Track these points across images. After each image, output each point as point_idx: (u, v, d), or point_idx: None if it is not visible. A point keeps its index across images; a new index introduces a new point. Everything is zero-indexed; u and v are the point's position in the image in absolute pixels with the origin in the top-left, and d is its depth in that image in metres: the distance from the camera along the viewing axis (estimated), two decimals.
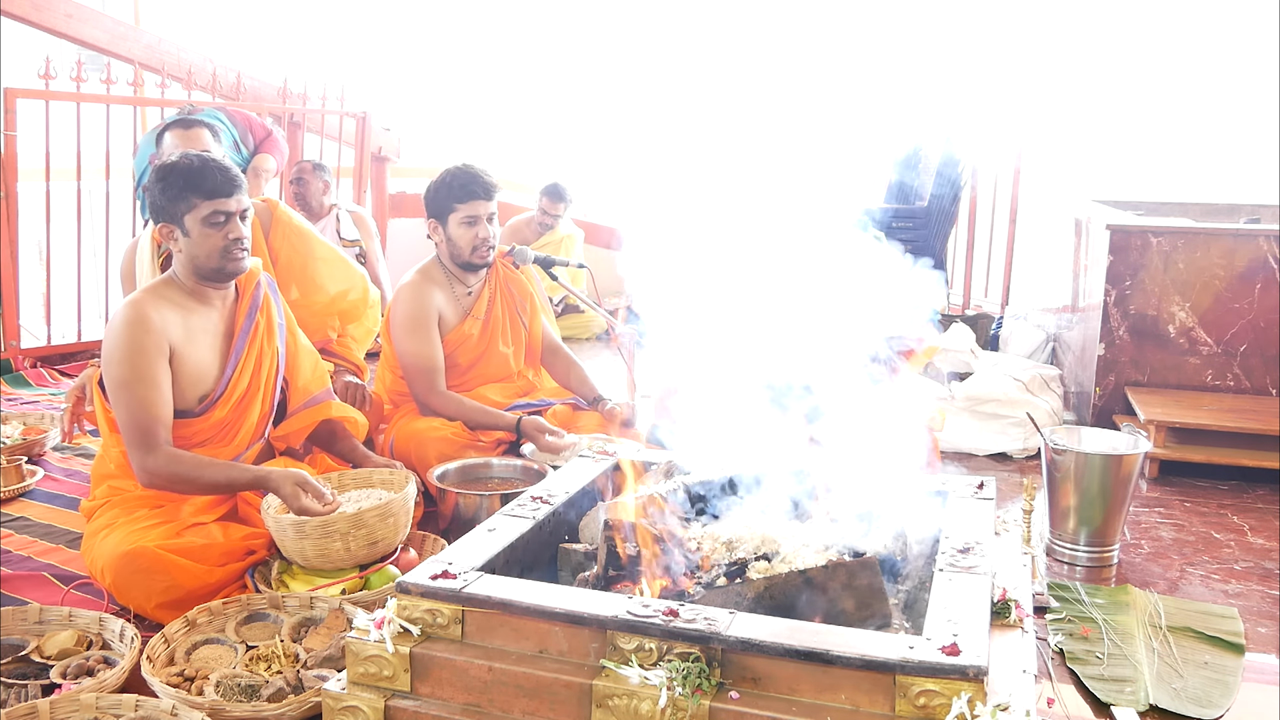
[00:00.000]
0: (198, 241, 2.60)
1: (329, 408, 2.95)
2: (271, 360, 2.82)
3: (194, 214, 2.58)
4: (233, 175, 2.63)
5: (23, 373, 4.92)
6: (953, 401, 4.08)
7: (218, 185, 2.59)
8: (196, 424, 2.67)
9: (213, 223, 2.59)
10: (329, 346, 3.54)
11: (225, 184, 2.60)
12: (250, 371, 2.75)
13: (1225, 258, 4.00)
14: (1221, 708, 2.13)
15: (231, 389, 2.71)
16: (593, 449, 2.70)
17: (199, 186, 2.57)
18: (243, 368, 2.74)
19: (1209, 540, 3.13)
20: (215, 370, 2.71)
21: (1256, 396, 4.00)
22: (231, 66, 6.01)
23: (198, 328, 2.67)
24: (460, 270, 3.45)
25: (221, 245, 2.61)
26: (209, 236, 2.60)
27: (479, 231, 3.37)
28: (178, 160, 2.63)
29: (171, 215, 2.61)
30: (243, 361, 2.74)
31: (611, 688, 1.69)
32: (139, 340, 2.55)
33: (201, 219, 2.58)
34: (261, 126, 4.66)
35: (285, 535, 2.49)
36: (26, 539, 2.93)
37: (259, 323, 2.79)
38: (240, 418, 2.74)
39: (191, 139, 3.47)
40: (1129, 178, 6.17)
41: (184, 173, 2.58)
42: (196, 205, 2.58)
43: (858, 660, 1.60)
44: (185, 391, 2.64)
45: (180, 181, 2.58)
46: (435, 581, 1.85)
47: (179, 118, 3.64)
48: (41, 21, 5.43)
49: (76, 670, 2.10)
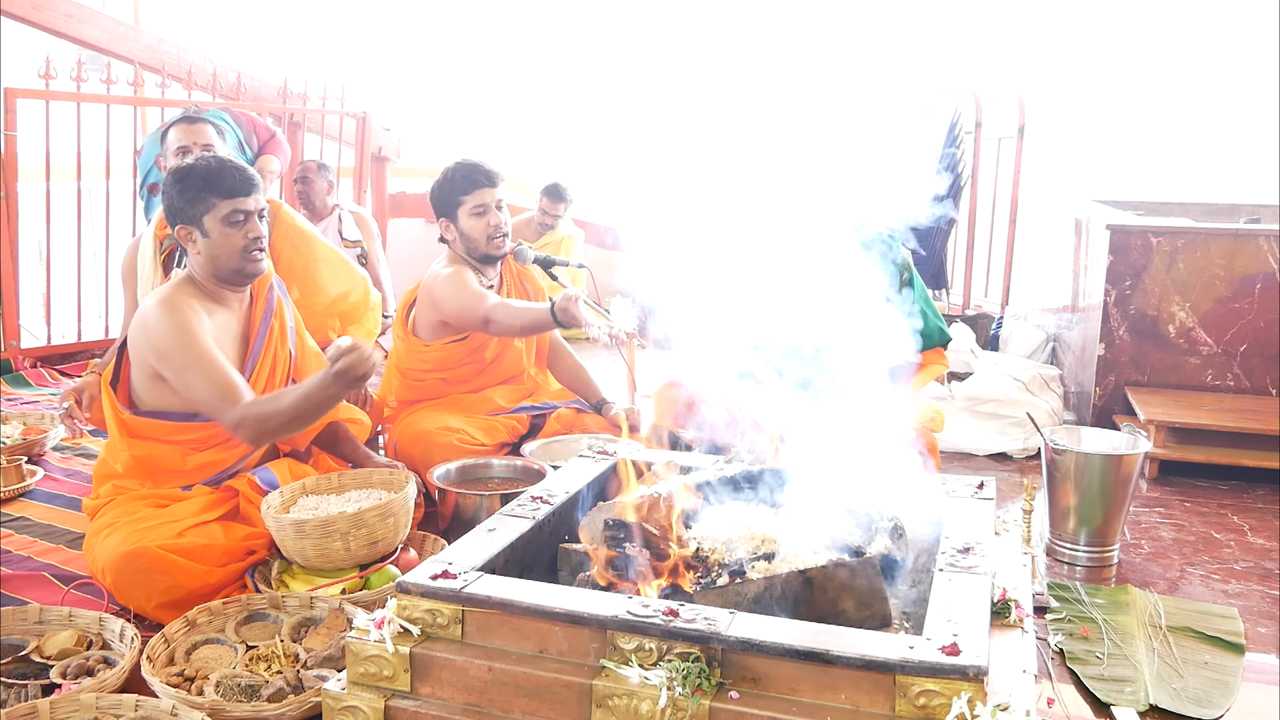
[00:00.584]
0: (218, 242, 2.61)
1: (335, 410, 2.93)
2: (285, 364, 2.82)
3: (213, 214, 2.59)
4: (249, 175, 2.64)
5: (23, 373, 4.92)
6: (953, 401, 4.08)
7: (236, 184, 2.60)
8: (210, 426, 2.66)
9: (232, 222, 2.60)
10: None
11: (243, 183, 2.61)
12: (265, 375, 2.75)
13: (1225, 258, 4.00)
14: (1221, 708, 2.13)
15: None
16: (592, 449, 2.70)
17: (218, 187, 2.58)
18: (258, 371, 2.74)
19: (1209, 540, 3.13)
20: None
21: (1256, 396, 4.00)
22: (231, 66, 6.01)
23: (218, 328, 2.67)
24: (479, 264, 3.42)
25: (242, 245, 2.62)
26: (229, 236, 2.60)
27: (490, 219, 3.34)
28: (195, 162, 2.63)
29: (190, 217, 2.61)
30: (259, 364, 2.74)
31: (611, 688, 1.69)
32: (186, 321, 2.55)
33: (221, 219, 2.59)
34: (265, 128, 4.67)
35: (285, 535, 2.49)
36: (26, 539, 2.93)
37: (274, 326, 2.79)
38: None
39: (196, 133, 3.46)
40: (1129, 178, 6.16)
41: (202, 174, 2.59)
42: (216, 205, 2.58)
43: (858, 660, 1.60)
44: None
45: (199, 182, 2.58)
46: (435, 581, 1.85)
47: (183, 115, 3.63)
48: (41, 21, 5.43)
49: (76, 670, 2.10)
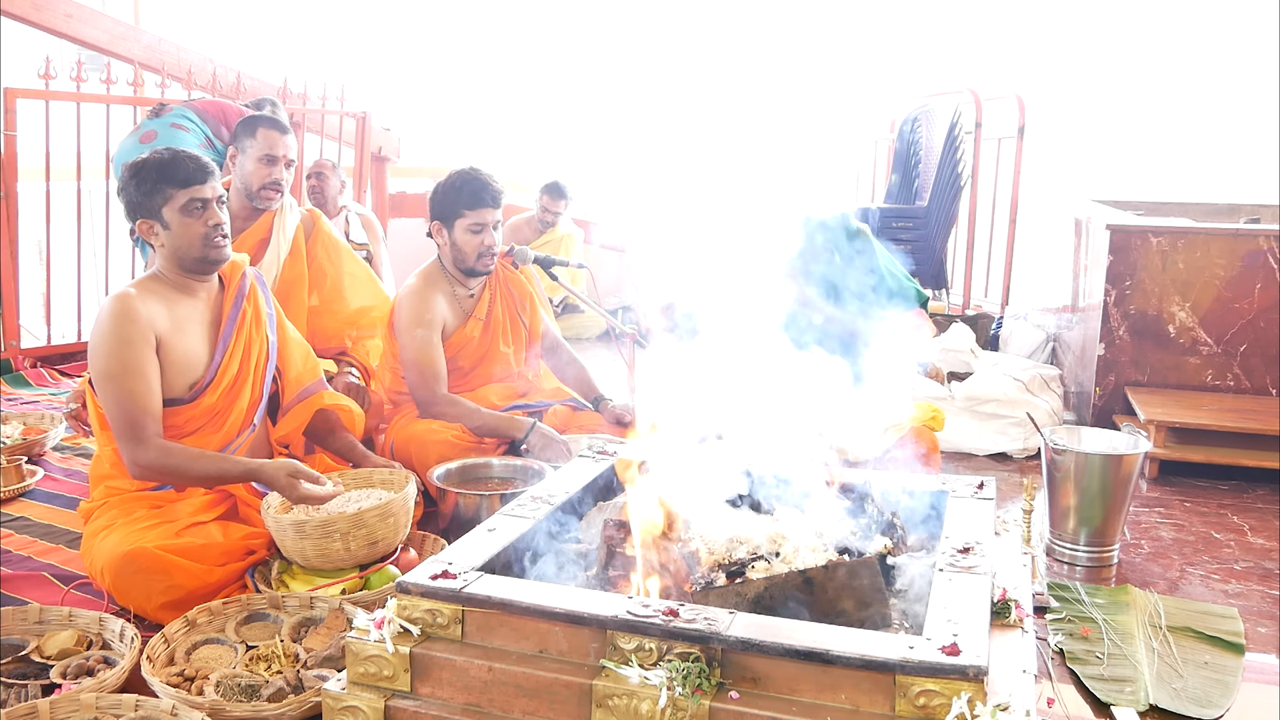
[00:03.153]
0: (178, 232, 2.63)
1: (322, 397, 2.96)
2: (261, 348, 2.83)
3: (171, 205, 2.61)
4: (204, 162, 2.66)
5: (23, 373, 4.92)
6: (953, 401, 4.08)
7: (190, 173, 2.62)
8: (187, 411, 2.68)
9: (190, 210, 2.62)
10: (346, 350, 3.55)
11: (198, 171, 2.63)
12: (239, 358, 2.76)
13: (1225, 258, 3.99)
14: (1221, 708, 2.13)
15: (221, 375, 2.72)
16: (592, 449, 2.70)
17: (172, 177, 2.60)
18: (231, 354, 2.75)
19: (1209, 540, 3.13)
20: (204, 358, 2.71)
21: (1256, 396, 4.00)
22: (231, 66, 6.01)
23: (184, 317, 2.69)
24: (462, 274, 3.43)
25: (202, 233, 2.63)
26: (189, 225, 2.62)
27: (484, 239, 3.34)
28: (149, 155, 2.66)
29: (149, 210, 2.63)
30: (231, 348, 2.75)
31: (611, 688, 1.69)
32: (125, 332, 2.56)
33: (179, 208, 2.61)
34: (237, 111, 4.59)
35: (285, 535, 2.49)
36: (26, 539, 2.93)
37: (245, 310, 2.81)
38: (230, 404, 2.75)
39: (286, 144, 3.45)
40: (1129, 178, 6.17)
41: (156, 166, 2.61)
42: (172, 196, 2.61)
43: (858, 660, 1.60)
44: (175, 380, 2.65)
45: (154, 175, 2.61)
46: (435, 581, 1.85)
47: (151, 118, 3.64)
48: (41, 21, 5.43)
49: (76, 670, 2.10)
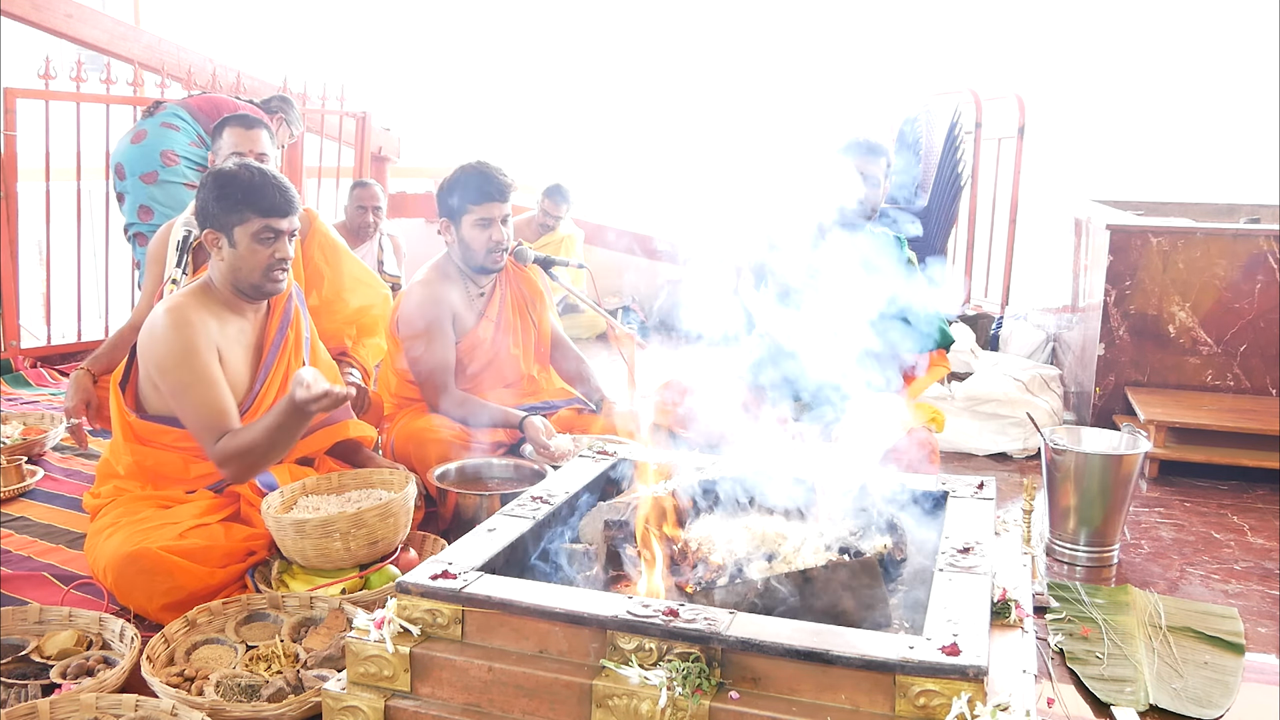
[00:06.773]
0: (244, 255, 2.60)
1: (346, 428, 2.93)
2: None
3: (245, 227, 2.57)
4: (290, 196, 2.62)
5: (23, 373, 4.92)
6: (953, 401, 4.08)
7: (275, 204, 2.58)
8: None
9: (262, 239, 2.59)
10: (345, 351, 3.55)
11: (283, 203, 2.59)
12: (278, 386, 2.74)
13: (1225, 258, 4.00)
14: (1221, 708, 2.13)
15: (259, 402, 2.69)
16: (593, 449, 2.70)
17: (257, 203, 2.56)
18: (271, 381, 2.73)
19: (1209, 540, 3.13)
20: (245, 382, 2.70)
21: (1256, 396, 4.00)
22: (231, 66, 6.01)
23: (232, 338, 2.67)
24: (473, 272, 3.38)
25: (266, 263, 2.61)
26: (256, 252, 2.59)
27: (493, 234, 3.28)
28: (238, 171, 2.60)
29: (222, 224, 2.59)
30: (271, 375, 2.73)
31: (611, 688, 1.69)
32: (191, 340, 2.54)
33: (252, 234, 2.58)
34: (231, 106, 4.53)
35: (285, 535, 2.49)
36: (26, 539, 2.93)
37: (289, 337, 2.78)
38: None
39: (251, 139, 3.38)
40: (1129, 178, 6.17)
41: (244, 186, 2.57)
42: (249, 220, 2.57)
43: (858, 660, 1.60)
44: None
45: (238, 194, 2.56)
46: (435, 581, 1.85)
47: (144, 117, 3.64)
48: (41, 21, 5.43)
49: (76, 670, 2.10)
